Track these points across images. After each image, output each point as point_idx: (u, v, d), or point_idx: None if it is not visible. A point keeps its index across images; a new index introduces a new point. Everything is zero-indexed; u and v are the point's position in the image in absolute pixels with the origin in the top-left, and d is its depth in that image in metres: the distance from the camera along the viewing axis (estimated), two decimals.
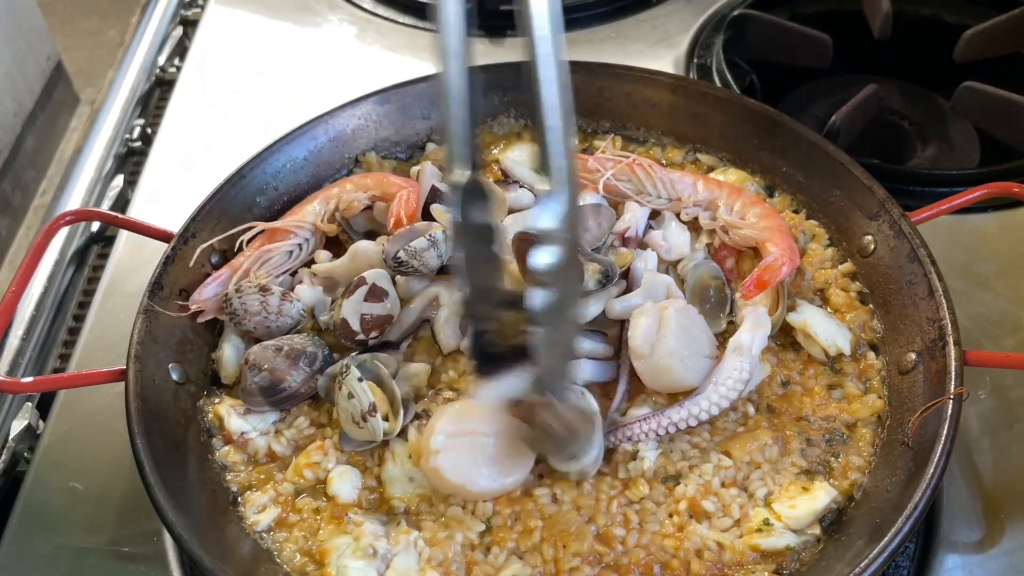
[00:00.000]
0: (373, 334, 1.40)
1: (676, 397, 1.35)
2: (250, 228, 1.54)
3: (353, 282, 1.42)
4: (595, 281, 1.41)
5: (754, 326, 1.36)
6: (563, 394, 1.15)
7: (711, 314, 1.45)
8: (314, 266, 1.53)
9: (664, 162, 1.71)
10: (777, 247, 1.46)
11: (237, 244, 1.53)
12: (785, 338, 1.43)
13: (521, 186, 1.61)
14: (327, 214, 1.58)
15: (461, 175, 1.02)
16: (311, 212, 1.57)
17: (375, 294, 1.41)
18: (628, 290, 1.45)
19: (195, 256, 1.48)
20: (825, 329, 1.39)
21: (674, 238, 1.52)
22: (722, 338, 1.41)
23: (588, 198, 1.56)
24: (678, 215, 1.57)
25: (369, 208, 1.60)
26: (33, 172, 2.02)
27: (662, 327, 1.34)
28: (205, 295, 1.46)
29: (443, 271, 1.46)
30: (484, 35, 2.22)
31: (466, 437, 1.26)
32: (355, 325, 1.39)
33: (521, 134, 1.78)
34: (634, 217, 1.53)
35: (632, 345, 1.35)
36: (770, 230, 1.49)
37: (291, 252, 1.54)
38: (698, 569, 1.20)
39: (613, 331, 1.42)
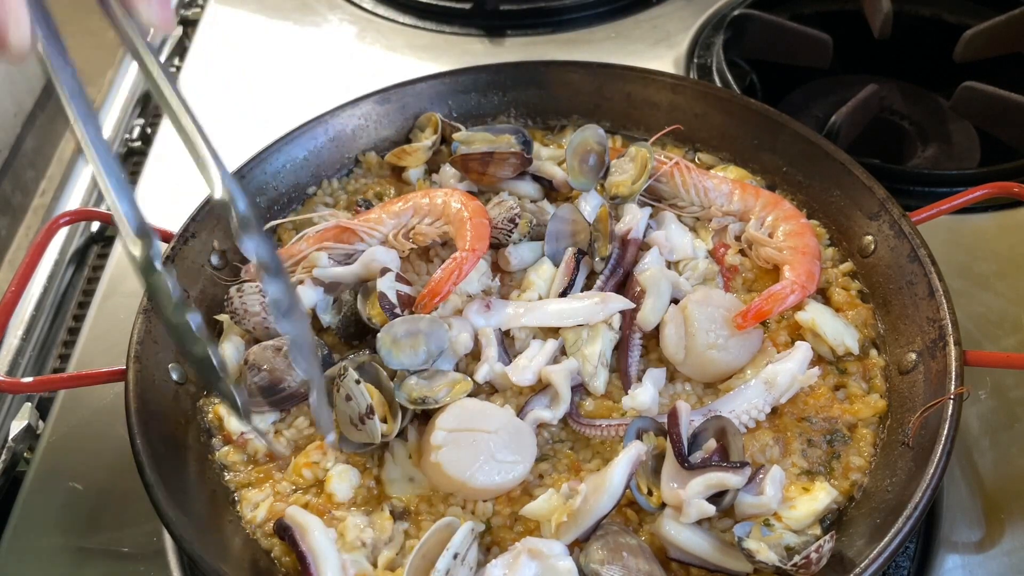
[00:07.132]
0: (406, 312, 1.40)
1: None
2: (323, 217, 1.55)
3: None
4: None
5: (799, 369, 1.34)
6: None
7: None
8: (317, 271, 1.48)
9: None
10: (794, 272, 1.42)
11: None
12: (789, 337, 1.42)
13: (535, 179, 1.63)
14: (404, 231, 1.52)
15: None
16: (388, 223, 1.52)
17: (400, 280, 1.44)
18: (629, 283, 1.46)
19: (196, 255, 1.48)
20: (833, 328, 1.39)
21: (676, 239, 1.51)
22: None
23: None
24: (679, 217, 1.56)
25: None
26: (33, 172, 2.02)
27: (688, 324, 1.36)
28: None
29: None
30: (484, 35, 2.22)
31: (467, 434, 1.27)
32: (393, 298, 1.40)
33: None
34: (634, 219, 1.52)
35: (667, 354, 1.38)
36: (793, 251, 1.46)
37: (351, 255, 1.51)
38: (698, 572, 1.20)
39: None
